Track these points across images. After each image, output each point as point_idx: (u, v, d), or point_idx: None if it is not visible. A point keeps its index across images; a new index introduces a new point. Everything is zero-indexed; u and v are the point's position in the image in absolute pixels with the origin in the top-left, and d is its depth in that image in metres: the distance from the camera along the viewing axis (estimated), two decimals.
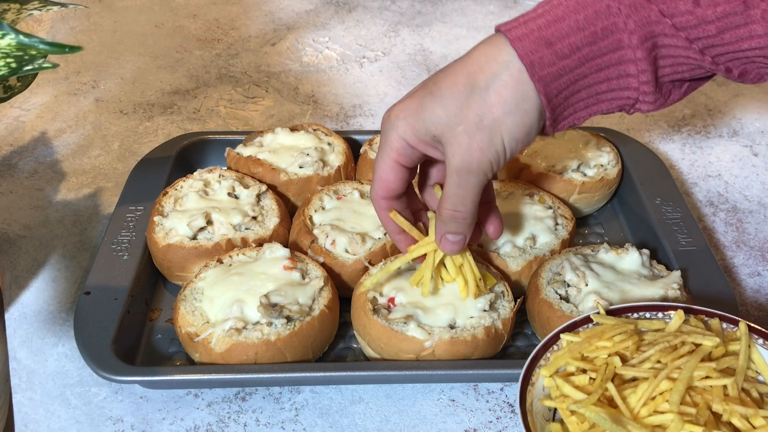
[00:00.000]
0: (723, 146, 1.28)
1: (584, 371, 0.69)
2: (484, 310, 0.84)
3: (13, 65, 0.65)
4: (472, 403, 0.84)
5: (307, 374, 0.81)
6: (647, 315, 0.76)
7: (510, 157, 0.72)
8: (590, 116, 0.72)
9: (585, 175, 1.07)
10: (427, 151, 0.74)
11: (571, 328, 0.74)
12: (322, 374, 0.81)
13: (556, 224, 0.98)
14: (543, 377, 0.70)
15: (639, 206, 1.06)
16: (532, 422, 0.66)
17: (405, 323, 0.83)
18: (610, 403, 0.66)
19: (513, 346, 0.91)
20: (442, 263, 0.83)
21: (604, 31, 0.67)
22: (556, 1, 0.68)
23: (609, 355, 0.69)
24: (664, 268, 0.92)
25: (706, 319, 0.75)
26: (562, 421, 0.67)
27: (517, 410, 0.67)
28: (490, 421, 0.82)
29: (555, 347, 0.73)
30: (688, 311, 0.75)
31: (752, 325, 0.73)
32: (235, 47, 1.56)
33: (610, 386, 0.65)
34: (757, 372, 0.70)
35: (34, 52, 0.64)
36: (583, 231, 1.10)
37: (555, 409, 0.69)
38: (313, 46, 1.58)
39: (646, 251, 0.92)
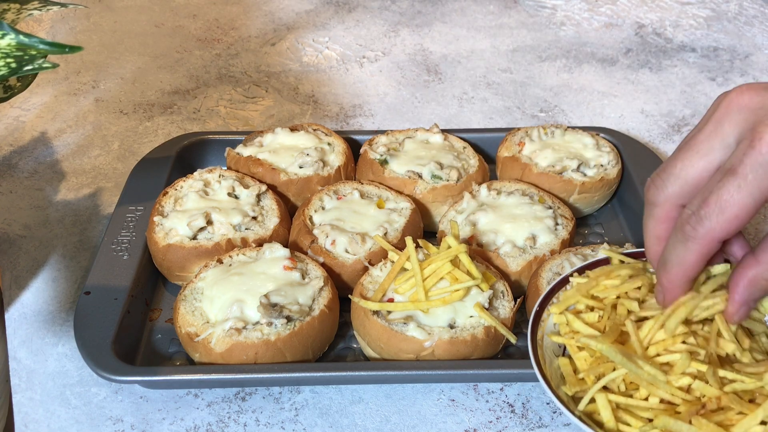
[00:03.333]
0: None
1: (593, 309, 0.70)
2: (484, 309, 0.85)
3: (13, 65, 0.65)
4: (472, 403, 0.84)
5: (307, 374, 0.81)
6: None
7: None
8: None
9: (585, 175, 1.07)
10: None
11: (584, 270, 0.75)
12: (322, 374, 0.81)
13: (556, 224, 0.98)
14: (553, 315, 0.71)
15: (639, 206, 1.06)
16: (541, 356, 0.67)
17: (405, 323, 0.82)
18: (618, 340, 0.66)
19: (513, 346, 0.91)
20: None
21: None
22: None
23: (618, 297, 0.70)
24: None
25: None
26: (570, 357, 0.68)
27: (528, 344, 0.68)
28: (490, 421, 0.82)
29: (567, 287, 0.74)
30: None
31: None
32: (235, 47, 1.56)
33: (628, 323, 0.65)
34: (762, 313, 0.69)
35: (34, 52, 0.64)
36: (583, 231, 1.10)
37: (564, 346, 0.70)
38: (313, 46, 1.58)
39: None
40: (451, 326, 0.83)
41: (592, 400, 0.65)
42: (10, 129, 1.28)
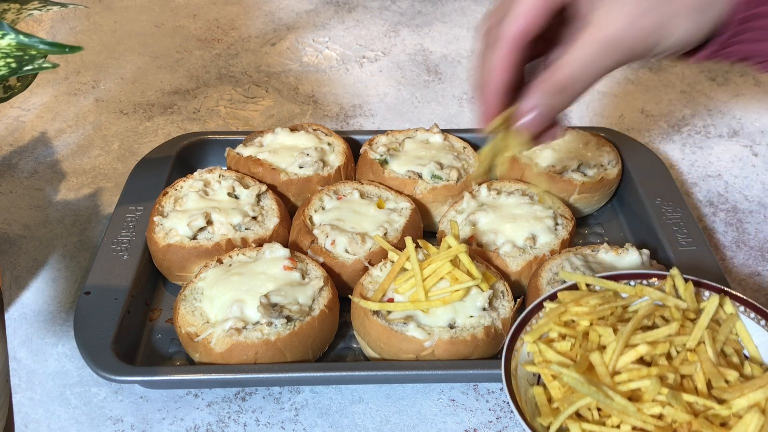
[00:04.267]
0: (723, 146, 1.28)
1: (565, 337, 0.71)
2: (484, 309, 0.85)
3: (13, 65, 0.65)
4: (472, 403, 0.84)
5: (307, 374, 0.81)
6: (632, 283, 0.77)
7: (666, 55, 0.61)
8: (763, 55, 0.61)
9: (585, 175, 1.07)
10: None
11: (555, 297, 0.76)
12: (322, 374, 0.81)
13: (556, 224, 0.98)
14: (527, 343, 0.71)
15: (639, 206, 1.06)
16: (515, 386, 0.67)
17: (405, 323, 0.83)
18: (590, 368, 0.66)
19: None
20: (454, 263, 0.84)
21: None
22: None
23: (591, 323, 0.70)
24: (664, 268, 0.92)
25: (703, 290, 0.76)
26: (545, 386, 0.68)
27: (502, 375, 0.68)
28: (490, 421, 0.82)
29: (540, 314, 0.74)
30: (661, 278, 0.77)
31: (741, 296, 0.73)
32: (235, 47, 1.56)
33: (594, 355, 0.66)
34: (739, 342, 0.71)
35: (34, 52, 0.64)
36: (583, 231, 1.10)
37: (539, 375, 0.70)
38: (313, 46, 1.58)
39: (645, 251, 0.92)
40: (451, 326, 0.83)
41: (566, 428, 0.65)
42: (10, 129, 1.28)
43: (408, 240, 0.86)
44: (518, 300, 0.88)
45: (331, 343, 0.88)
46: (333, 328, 0.88)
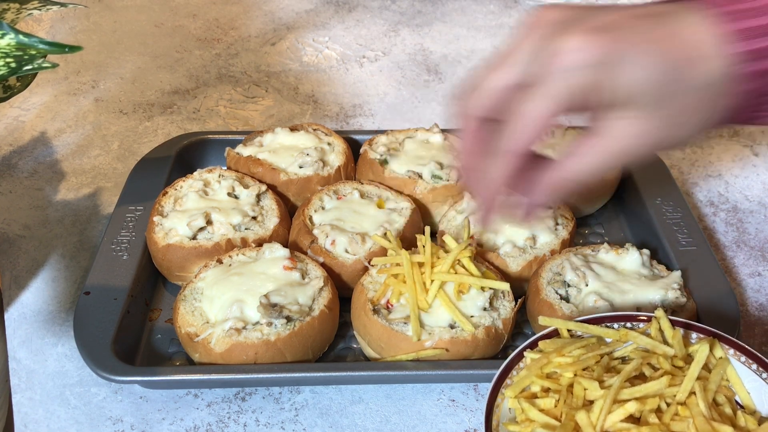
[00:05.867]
0: (723, 146, 1.28)
1: (548, 391, 0.67)
2: (484, 309, 0.84)
3: (13, 65, 0.65)
4: (472, 403, 0.84)
5: (307, 374, 0.81)
6: (615, 326, 0.74)
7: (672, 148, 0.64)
8: None
9: None
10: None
11: (536, 345, 0.72)
12: (322, 374, 0.81)
13: (556, 224, 0.98)
14: (508, 399, 0.67)
15: (639, 206, 1.06)
16: None
17: (405, 323, 0.82)
18: (576, 428, 0.63)
19: (513, 346, 0.90)
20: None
21: None
22: None
23: (575, 374, 0.67)
24: (665, 268, 0.92)
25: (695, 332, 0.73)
26: None
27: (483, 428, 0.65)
28: None
29: (521, 365, 0.70)
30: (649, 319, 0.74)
31: (731, 339, 0.71)
32: (235, 47, 1.56)
33: (579, 415, 0.63)
34: (730, 389, 0.68)
35: (33, 52, 0.64)
36: (583, 231, 1.10)
37: None
38: (313, 45, 1.57)
39: (646, 251, 0.92)
40: (452, 326, 0.83)
41: None
42: (9, 129, 1.28)
43: (419, 236, 0.87)
44: (519, 300, 0.88)
45: (331, 343, 0.88)
46: (333, 328, 0.87)
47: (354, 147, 1.15)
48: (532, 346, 0.72)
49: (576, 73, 0.59)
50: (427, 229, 0.88)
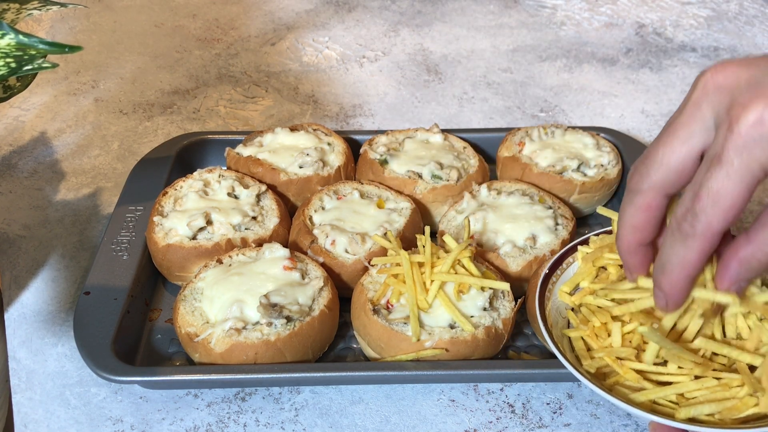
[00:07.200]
0: None
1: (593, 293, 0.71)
2: (484, 309, 0.84)
3: (13, 65, 0.65)
4: (472, 403, 0.84)
5: (307, 374, 0.81)
6: None
7: None
8: None
9: (585, 175, 1.07)
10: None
11: (587, 242, 0.77)
12: (322, 374, 0.81)
13: (556, 224, 0.98)
14: (557, 291, 0.73)
15: None
16: (551, 324, 0.69)
17: (405, 323, 0.82)
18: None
19: (513, 346, 0.91)
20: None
21: None
22: None
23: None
24: None
25: None
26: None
27: (538, 317, 0.69)
28: (490, 422, 0.82)
29: (570, 259, 0.76)
30: None
31: None
32: (235, 47, 1.56)
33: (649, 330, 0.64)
34: None
35: (33, 52, 0.64)
36: (583, 231, 1.10)
37: (568, 321, 0.72)
38: (313, 46, 1.57)
39: None
40: (452, 326, 0.83)
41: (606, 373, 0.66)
42: (9, 129, 1.28)
43: (419, 236, 0.87)
44: (519, 300, 0.88)
45: (331, 343, 0.88)
46: (333, 328, 0.87)
47: (354, 147, 1.15)
48: (583, 243, 0.77)
49: (764, 145, 0.54)
50: (427, 229, 0.88)
